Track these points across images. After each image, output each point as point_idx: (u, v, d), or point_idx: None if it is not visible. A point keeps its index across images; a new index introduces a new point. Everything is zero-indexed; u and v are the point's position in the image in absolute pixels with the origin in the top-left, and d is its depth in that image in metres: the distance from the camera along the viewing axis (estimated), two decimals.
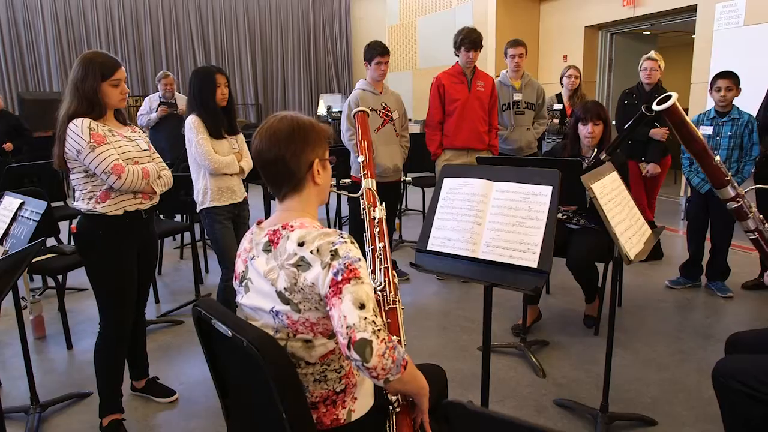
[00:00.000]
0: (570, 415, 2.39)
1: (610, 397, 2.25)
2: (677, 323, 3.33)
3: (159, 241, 4.17)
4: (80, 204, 2.18)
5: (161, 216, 4.67)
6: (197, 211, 2.95)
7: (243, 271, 1.37)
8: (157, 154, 2.38)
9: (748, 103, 3.73)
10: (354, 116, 2.02)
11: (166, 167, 2.38)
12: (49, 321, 3.36)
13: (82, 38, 10.20)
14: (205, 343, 1.41)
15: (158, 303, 3.76)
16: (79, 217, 2.23)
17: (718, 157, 1.79)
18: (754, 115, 3.68)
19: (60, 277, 3.17)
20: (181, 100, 5.76)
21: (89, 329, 3.27)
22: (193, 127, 2.76)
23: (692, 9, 6.00)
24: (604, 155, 2.96)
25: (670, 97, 1.68)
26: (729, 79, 3.50)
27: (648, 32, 7.65)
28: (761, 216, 1.76)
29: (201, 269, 4.30)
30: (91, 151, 2.05)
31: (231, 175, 2.88)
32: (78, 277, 3.43)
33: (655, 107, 1.70)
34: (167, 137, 5.56)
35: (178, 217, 4.99)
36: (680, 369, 2.76)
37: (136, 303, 2.36)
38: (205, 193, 2.86)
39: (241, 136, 3.01)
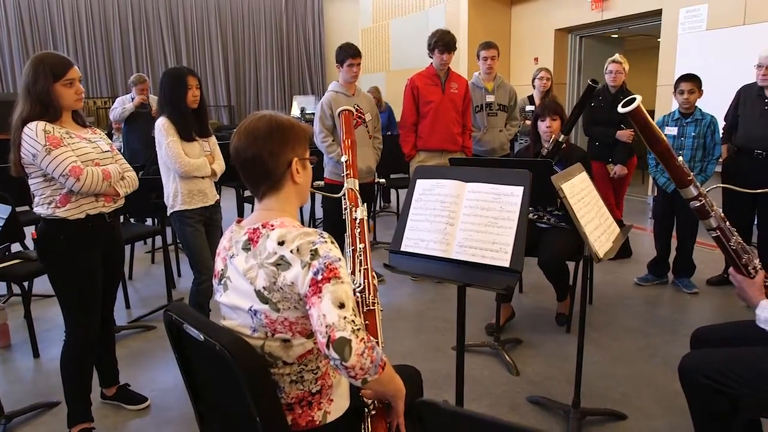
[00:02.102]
0: (543, 411, 2.43)
1: (581, 392, 2.29)
2: (646, 319, 3.41)
3: (130, 245, 4.13)
4: (40, 209, 2.12)
5: (132, 219, 4.59)
6: (168, 214, 2.91)
7: (222, 270, 1.36)
8: (120, 156, 2.34)
9: (710, 104, 3.85)
10: (339, 115, 2.01)
11: (131, 168, 2.34)
12: (14, 329, 3.26)
13: (47, 38, 9.96)
14: (177, 348, 1.39)
15: (129, 308, 3.69)
16: (39, 222, 2.17)
17: (681, 158, 1.84)
18: (720, 116, 3.80)
19: (26, 284, 3.08)
20: (155, 102, 5.68)
21: (56, 337, 3.19)
22: (163, 129, 2.72)
23: (657, 13, 6.17)
24: (562, 136, 3.12)
25: (634, 99, 1.72)
26: (691, 82, 3.61)
27: (616, 35, 7.83)
28: (723, 214, 1.81)
29: (173, 273, 4.24)
30: (47, 154, 2.00)
31: (202, 177, 2.85)
32: (44, 283, 3.34)
33: (620, 110, 1.74)
34: (141, 138, 5.48)
35: (149, 221, 4.91)
36: (649, 364, 2.83)
37: (102, 308, 2.32)
38: (175, 196, 2.82)
39: (213, 138, 2.98)
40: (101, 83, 10.52)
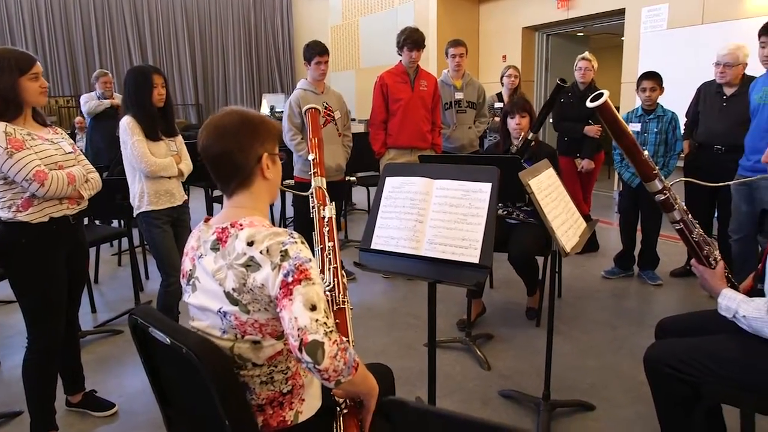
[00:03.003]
0: (514, 405, 2.46)
1: (551, 385, 2.33)
2: (613, 311, 3.49)
3: (95, 247, 4.03)
4: (0, 213, 2.05)
5: (96, 222, 4.47)
6: (134, 215, 2.85)
7: (190, 270, 1.33)
8: (83, 157, 2.28)
9: (672, 101, 3.96)
10: (305, 113, 1.99)
11: (94, 170, 2.28)
12: None
13: (5, 35, 9.63)
14: (144, 351, 1.36)
15: (95, 312, 3.60)
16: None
17: (646, 152, 1.89)
18: (682, 113, 3.91)
19: None
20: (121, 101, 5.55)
21: (19, 344, 3.09)
22: (128, 128, 2.66)
23: (621, 12, 6.30)
24: (531, 134, 3.17)
25: (602, 94, 1.76)
26: (653, 80, 3.71)
27: (581, 34, 7.98)
28: (685, 207, 1.87)
29: (141, 276, 4.15)
30: (9, 157, 1.93)
31: (169, 178, 2.80)
32: (5, 288, 3.23)
33: (588, 104, 1.78)
34: (105, 138, 5.34)
35: (115, 223, 4.80)
36: (616, 355, 2.90)
37: (66, 313, 2.25)
38: (141, 197, 2.76)
39: (179, 137, 2.93)
40: (63, 81, 10.21)
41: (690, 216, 1.87)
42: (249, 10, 11.59)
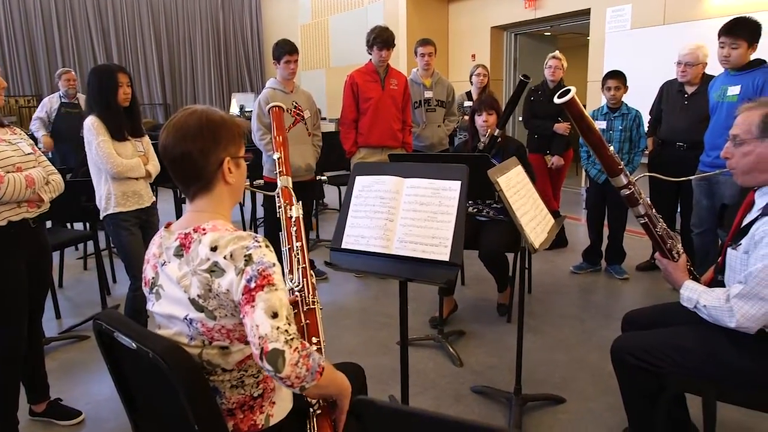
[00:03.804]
0: (486, 400, 2.49)
1: (522, 379, 2.37)
2: (581, 305, 3.56)
3: (59, 251, 3.92)
4: None
5: (68, 225, 4.35)
6: (100, 217, 2.78)
7: (153, 278, 1.30)
8: (44, 158, 2.21)
9: (636, 99, 4.06)
10: (269, 111, 1.97)
11: (55, 171, 2.22)
12: None
13: None
14: (110, 357, 1.33)
15: (60, 318, 3.50)
16: None
17: (612, 148, 1.94)
18: (645, 111, 4.01)
19: None
20: (85, 101, 5.39)
21: None
22: (92, 128, 2.60)
23: (586, 12, 6.43)
24: (498, 131, 3.22)
25: (569, 91, 1.80)
26: (617, 79, 3.80)
27: (548, 33, 8.11)
28: (650, 202, 1.92)
29: (108, 279, 4.06)
30: None
31: (136, 179, 2.75)
32: None
33: (556, 100, 1.81)
34: (70, 139, 5.19)
35: (80, 225, 4.67)
36: (584, 348, 2.96)
37: (29, 319, 2.19)
38: (108, 199, 2.70)
39: (146, 138, 2.88)
40: (23, 81, 9.88)
41: (654, 210, 1.92)
42: (217, 8, 11.42)
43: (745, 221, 1.74)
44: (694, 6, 5.34)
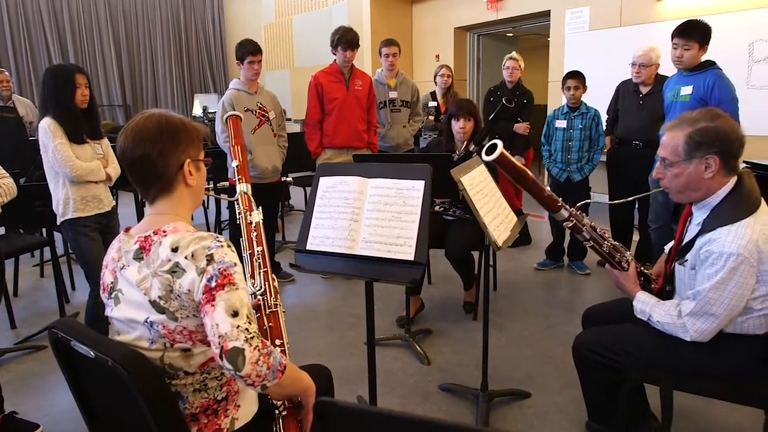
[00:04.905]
0: (454, 397, 2.52)
1: (489, 376, 2.40)
2: (545, 301, 3.64)
3: (14, 258, 3.78)
4: None
5: (21, 230, 4.20)
6: (58, 223, 2.70)
7: (112, 283, 1.28)
8: None
9: (595, 99, 4.17)
10: (226, 120, 1.96)
11: (7, 175, 2.15)
12: None
13: None
14: (68, 367, 1.30)
15: (15, 328, 3.37)
16: None
17: (548, 188, 2.01)
18: (604, 110, 4.11)
19: None
20: (21, 104, 5.17)
21: None
22: (48, 131, 2.52)
23: (546, 14, 6.56)
24: (473, 147, 3.19)
25: (496, 146, 1.82)
26: (576, 79, 3.89)
27: (510, 34, 8.24)
28: (593, 224, 1.99)
29: (66, 287, 3.94)
30: None
31: (96, 182, 2.68)
32: None
33: (484, 158, 1.85)
34: (8, 145, 4.98)
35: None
36: (548, 343, 3.02)
37: None
38: (66, 204, 2.63)
39: (105, 140, 2.81)
40: None
41: (597, 232, 1.98)
42: (178, 7, 11.19)
43: (687, 236, 1.81)
44: (649, 9, 5.51)
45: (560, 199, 1.98)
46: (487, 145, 1.83)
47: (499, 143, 1.81)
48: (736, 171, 1.69)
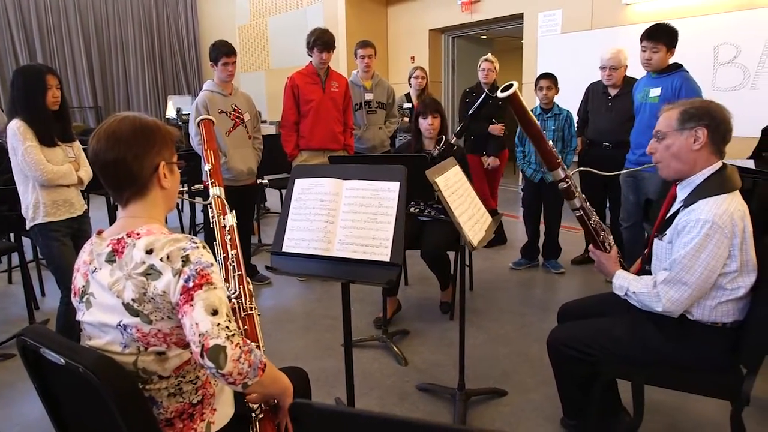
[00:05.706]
0: (431, 397, 2.53)
1: (466, 375, 2.42)
2: (520, 300, 3.68)
3: None
4: None
5: None
6: (27, 227, 2.64)
7: (83, 286, 1.26)
8: None
9: (567, 100, 4.23)
10: (199, 124, 1.95)
11: None
12: None
13: None
14: (38, 375, 1.27)
15: None
16: None
17: (550, 142, 2.03)
18: (576, 112, 4.19)
19: None
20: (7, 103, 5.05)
21: None
22: (18, 133, 2.47)
23: (520, 17, 6.65)
24: (454, 138, 3.23)
25: (512, 85, 1.87)
26: (548, 80, 3.95)
27: (485, 36, 8.33)
28: (584, 195, 2.02)
29: (36, 293, 3.84)
30: None
31: (68, 186, 2.62)
32: None
33: (499, 94, 1.89)
34: None
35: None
36: (524, 341, 3.06)
37: None
38: (36, 208, 2.57)
39: (77, 143, 2.76)
40: None
41: (588, 204, 2.02)
42: (150, 7, 11.01)
43: (669, 213, 1.86)
44: (618, 12, 5.63)
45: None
46: (504, 85, 1.85)
47: (515, 83, 1.85)
48: (722, 155, 1.77)
